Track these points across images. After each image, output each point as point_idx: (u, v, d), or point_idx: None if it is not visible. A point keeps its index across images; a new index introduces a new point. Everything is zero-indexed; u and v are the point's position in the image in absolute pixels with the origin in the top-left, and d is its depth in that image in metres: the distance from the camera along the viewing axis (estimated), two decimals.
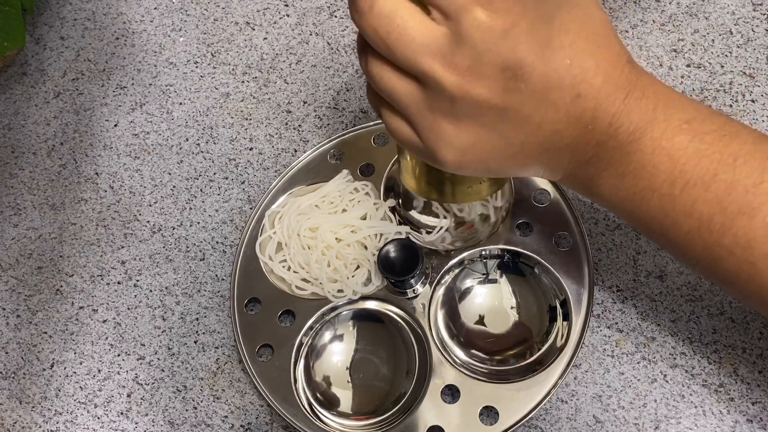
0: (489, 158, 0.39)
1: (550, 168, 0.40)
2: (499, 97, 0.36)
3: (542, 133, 0.37)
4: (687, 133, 0.37)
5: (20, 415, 0.54)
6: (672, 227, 0.39)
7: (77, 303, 0.57)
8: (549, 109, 0.36)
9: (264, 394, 0.50)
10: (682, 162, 0.37)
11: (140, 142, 0.62)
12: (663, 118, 0.37)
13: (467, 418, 0.48)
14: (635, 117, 0.37)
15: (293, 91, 0.63)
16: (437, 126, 0.38)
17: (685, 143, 0.37)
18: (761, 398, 0.47)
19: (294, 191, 0.56)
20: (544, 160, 0.39)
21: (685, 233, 0.38)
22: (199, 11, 0.67)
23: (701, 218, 0.37)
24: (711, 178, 0.37)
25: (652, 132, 0.37)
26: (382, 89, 0.38)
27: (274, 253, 0.54)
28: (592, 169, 0.39)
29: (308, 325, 0.52)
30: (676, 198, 0.38)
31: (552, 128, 0.37)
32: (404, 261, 0.49)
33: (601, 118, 0.37)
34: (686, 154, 0.37)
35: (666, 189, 0.38)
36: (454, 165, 0.39)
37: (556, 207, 0.53)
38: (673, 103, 0.38)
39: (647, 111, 0.37)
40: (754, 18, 0.59)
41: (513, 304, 0.51)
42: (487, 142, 0.38)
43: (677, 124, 0.37)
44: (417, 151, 0.40)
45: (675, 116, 0.37)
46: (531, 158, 0.39)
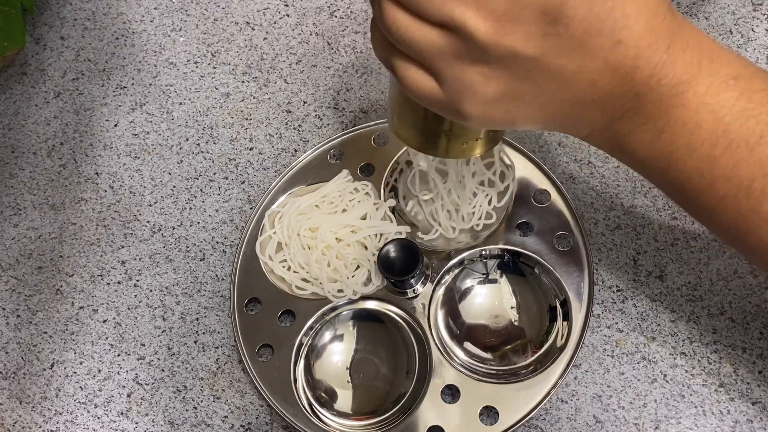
0: (516, 111, 0.36)
1: (579, 123, 0.38)
2: (536, 44, 0.33)
3: (577, 83, 0.35)
4: (734, 90, 0.35)
5: (20, 415, 0.54)
6: (707, 190, 0.36)
7: (77, 303, 0.57)
8: (587, 56, 0.34)
9: (264, 394, 0.50)
10: (726, 121, 0.35)
11: (140, 142, 0.62)
12: (708, 72, 0.35)
13: (467, 418, 0.48)
14: (679, 69, 0.34)
15: (293, 91, 0.63)
16: (464, 76, 0.35)
17: (731, 101, 0.35)
18: (761, 398, 0.47)
19: (294, 191, 0.56)
20: (574, 113, 0.37)
21: (720, 198, 0.36)
22: (199, 11, 0.67)
23: (741, 183, 0.35)
24: (756, 141, 0.34)
25: (697, 86, 0.35)
26: (399, 39, 0.35)
27: (274, 253, 0.54)
28: (628, 123, 0.36)
29: (308, 325, 0.52)
30: (716, 159, 0.35)
31: (588, 78, 0.35)
32: (404, 261, 0.49)
33: (641, 68, 0.34)
34: (732, 112, 0.35)
35: (706, 149, 0.35)
36: (478, 118, 0.37)
37: (556, 207, 0.53)
38: (719, 56, 0.35)
39: (692, 63, 0.35)
40: (754, 18, 0.59)
41: (513, 304, 0.51)
42: (518, 93, 0.35)
43: (723, 80, 0.35)
44: (437, 105, 0.37)
45: (721, 71, 0.35)
46: (560, 111, 0.37)
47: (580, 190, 0.55)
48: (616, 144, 0.38)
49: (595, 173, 0.55)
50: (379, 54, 0.38)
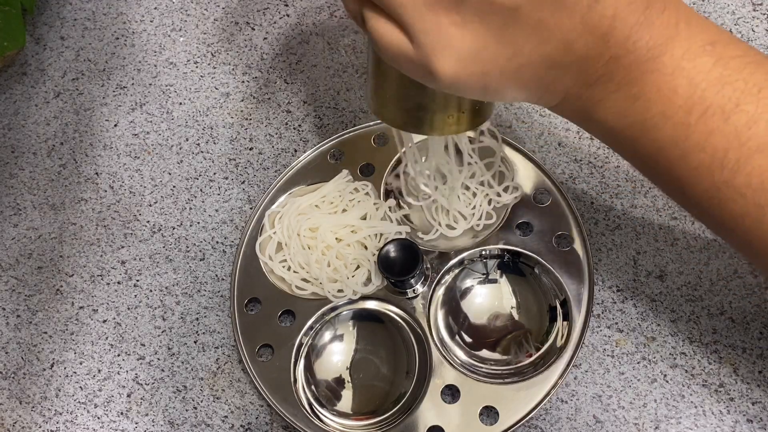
0: (492, 71, 0.35)
1: (551, 89, 0.36)
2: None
3: (553, 42, 0.34)
4: (710, 55, 0.34)
5: (20, 415, 0.54)
6: (679, 160, 0.35)
7: (77, 303, 0.57)
8: (564, 13, 0.33)
9: (264, 394, 0.50)
10: (702, 87, 0.33)
11: (140, 142, 0.62)
12: (686, 36, 0.34)
13: (467, 418, 0.48)
14: (656, 31, 0.33)
15: (293, 91, 0.63)
16: (437, 27, 0.33)
17: (708, 66, 0.33)
18: (761, 398, 0.47)
19: (294, 191, 0.56)
20: (548, 77, 0.35)
21: (693, 168, 0.35)
22: (199, 11, 0.67)
23: (715, 152, 0.34)
24: (732, 109, 0.33)
25: (674, 50, 0.34)
26: None
27: (274, 253, 0.54)
28: (599, 90, 0.35)
29: (308, 325, 0.52)
30: (690, 127, 0.34)
31: (564, 37, 0.33)
32: (404, 261, 0.49)
33: (618, 28, 0.33)
34: (708, 78, 0.33)
35: (681, 117, 0.34)
36: (450, 77, 0.34)
37: (556, 207, 0.53)
38: (695, 21, 0.34)
39: (669, 26, 0.33)
40: (754, 18, 0.59)
41: (513, 304, 0.51)
42: (493, 49, 0.34)
43: (700, 45, 0.34)
44: (407, 63, 0.35)
45: (698, 35, 0.34)
46: (534, 75, 0.35)
47: (580, 190, 0.55)
48: (587, 113, 0.37)
49: (595, 173, 0.55)
50: (349, 7, 0.37)
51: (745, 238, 0.36)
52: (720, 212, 0.36)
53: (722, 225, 0.37)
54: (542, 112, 0.58)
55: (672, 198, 0.40)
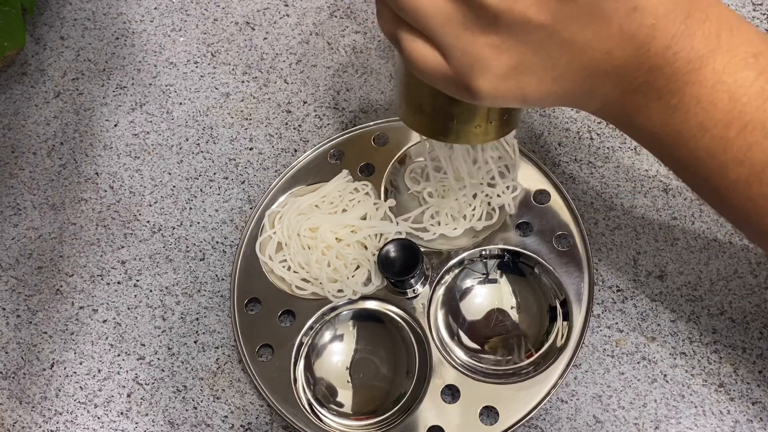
0: (528, 85, 0.35)
1: (591, 96, 0.36)
2: (550, 11, 0.32)
3: (591, 53, 0.33)
4: (753, 68, 0.33)
5: (20, 415, 0.54)
6: (717, 172, 0.35)
7: (77, 303, 0.57)
8: (602, 23, 0.32)
9: (264, 394, 0.50)
10: (743, 101, 0.33)
11: (140, 142, 0.62)
12: (727, 48, 0.33)
13: (467, 418, 0.48)
14: (697, 42, 0.33)
15: (293, 91, 0.63)
16: (474, 48, 0.33)
17: (749, 80, 0.33)
18: (761, 398, 0.47)
19: (294, 191, 0.56)
20: (587, 85, 0.35)
21: (732, 181, 0.35)
22: (199, 11, 0.67)
23: (753, 167, 0.34)
24: None
25: (715, 63, 0.33)
26: (405, 7, 0.34)
27: (274, 253, 0.54)
28: (640, 98, 0.35)
29: (308, 325, 0.52)
30: (729, 141, 0.34)
31: (602, 47, 0.33)
32: (404, 261, 0.49)
33: (658, 38, 0.33)
34: (749, 92, 0.33)
35: (720, 130, 0.34)
36: (490, 94, 0.35)
37: (556, 207, 0.53)
38: (738, 30, 0.34)
39: (710, 37, 0.33)
40: (754, 18, 0.59)
41: (513, 304, 0.51)
42: (531, 64, 0.34)
43: (743, 57, 0.33)
44: (445, 82, 0.35)
45: (741, 47, 0.33)
46: (573, 84, 0.35)
47: (580, 190, 0.55)
48: (627, 118, 0.37)
49: (595, 173, 0.55)
50: (384, 28, 0.37)
51: None
52: (757, 223, 0.36)
53: (759, 235, 0.37)
54: (542, 112, 0.58)
55: (710, 205, 0.40)
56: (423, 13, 0.33)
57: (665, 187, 0.54)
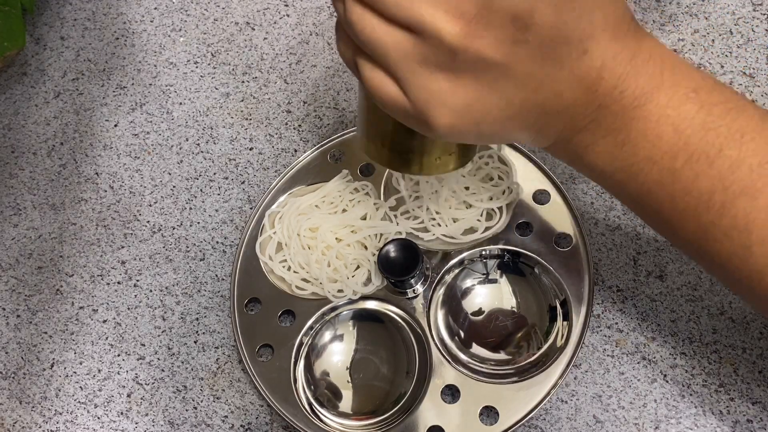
0: (485, 120, 0.36)
1: (543, 133, 0.38)
2: (506, 50, 0.33)
3: (544, 92, 0.35)
4: (694, 102, 0.35)
5: (20, 415, 0.54)
6: (667, 203, 0.37)
7: (77, 303, 0.57)
8: (554, 65, 0.34)
9: (264, 394, 0.50)
10: (687, 134, 0.35)
11: (140, 142, 0.62)
12: (670, 84, 0.35)
13: (467, 418, 0.48)
14: (642, 80, 0.35)
15: (293, 91, 0.63)
16: (431, 83, 0.34)
17: (692, 113, 0.35)
18: (761, 398, 0.47)
19: (294, 191, 0.56)
20: (539, 123, 0.37)
21: (681, 210, 0.36)
22: (199, 11, 0.67)
23: (701, 196, 0.35)
24: (716, 154, 0.34)
25: (659, 98, 0.35)
26: (364, 40, 0.34)
27: (274, 253, 0.54)
28: (588, 135, 0.37)
29: (308, 325, 0.52)
30: (676, 172, 0.35)
31: (554, 88, 0.35)
32: (404, 261, 0.49)
33: (606, 79, 0.34)
34: (692, 125, 0.35)
35: (667, 162, 0.35)
36: (446, 129, 0.36)
37: (556, 207, 0.53)
38: (679, 68, 0.36)
39: (654, 75, 0.35)
40: (754, 18, 0.59)
41: (513, 304, 0.51)
42: (486, 101, 0.35)
43: (684, 92, 0.35)
44: (402, 114, 0.36)
45: (682, 83, 0.35)
46: (526, 121, 0.36)
47: (580, 190, 0.55)
48: (578, 156, 0.38)
49: None
50: (344, 55, 0.37)
51: (733, 277, 0.37)
52: (709, 252, 0.37)
53: (712, 264, 0.38)
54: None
55: (665, 237, 0.41)
56: (382, 48, 0.34)
57: None
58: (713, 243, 0.36)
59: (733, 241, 0.35)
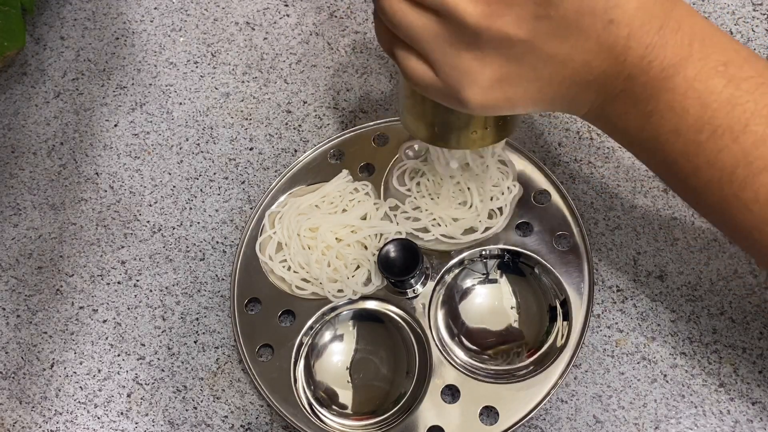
0: (515, 94, 0.37)
1: (576, 103, 0.38)
2: (528, 27, 0.34)
3: (572, 64, 0.35)
4: (723, 76, 0.35)
5: (20, 415, 0.54)
6: (692, 174, 0.37)
7: (77, 303, 0.57)
8: (580, 37, 0.34)
9: (264, 394, 0.50)
10: (713, 108, 0.35)
11: (140, 142, 0.62)
12: (699, 57, 0.35)
13: (467, 418, 0.48)
14: (670, 51, 0.35)
15: (293, 91, 0.63)
16: (460, 63, 0.36)
17: (719, 87, 0.35)
18: (761, 398, 0.47)
19: (294, 191, 0.56)
20: (571, 93, 0.37)
21: (705, 182, 0.37)
22: (199, 11, 0.67)
23: (724, 169, 0.36)
24: (741, 129, 0.35)
25: (686, 71, 0.35)
26: (396, 25, 0.36)
27: (274, 253, 0.54)
28: (619, 105, 0.37)
29: (308, 325, 0.52)
30: (701, 145, 0.36)
31: (582, 59, 0.35)
32: (404, 261, 0.49)
33: (633, 48, 0.34)
34: (719, 99, 0.35)
35: (692, 135, 0.36)
36: (478, 105, 0.37)
37: (556, 207, 0.53)
38: (711, 39, 0.35)
39: (683, 46, 0.35)
40: (754, 18, 0.59)
41: (513, 304, 0.51)
42: (515, 76, 0.36)
43: (713, 65, 0.35)
44: (437, 93, 0.38)
45: (712, 55, 0.35)
46: (558, 92, 0.37)
47: (580, 190, 0.55)
48: (610, 123, 0.39)
49: (595, 173, 0.55)
50: (383, 46, 0.39)
51: (755, 248, 0.38)
52: (732, 223, 0.38)
53: (735, 234, 0.39)
54: (542, 112, 0.58)
55: (690, 206, 0.41)
56: (413, 31, 0.36)
57: (665, 187, 0.54)
58: (735, 214, 0.37)
59: (755, 214, 0.36)
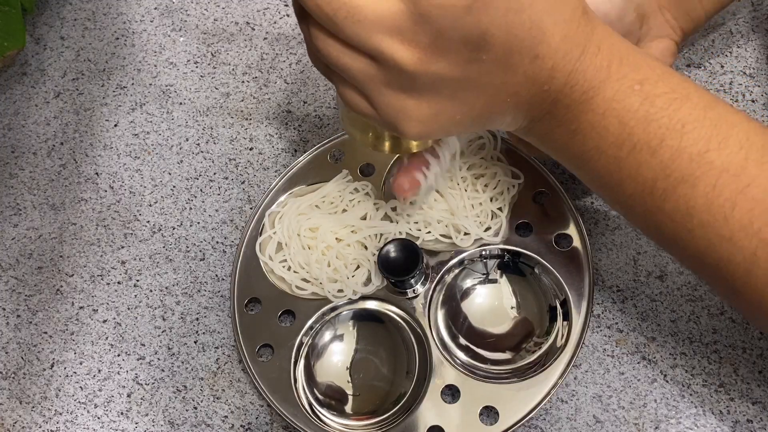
0: (451, 124, 0.39)
1: (508, 123, 0.41)
2: (461, 69, 0.36)
3: (501, 96, 0.38)
4: (638, 95, 0.37)
5: (20, 415, 0.54)
6: (617, 187, 0.39)
7: (77, 303, 0.57)
8: (508, 73, 0.36)
9: (264, 394, 0.50)
10: (630, 125, 0.37)
11: (140, 142, 0.62)
12: (617, 77, 0.37)
13: (467, 418, 0.48)
14: (590, 75, 0.37)
15: (293, 91, 0.63)
16: (396, 102, 0.37)
17: (635, 106, 0.37)
18: (761, 398, 0.47)
19: (294, 191, 0.56)
20: (504, 117, 0.40)
21: (629, 195, 0.39)
22: (199, 11, 0.67)
23: (645, 182, 0.38)
24: (658, 144, 0.37)
25: (605, 92, 0.37)
26: (332, 65, 0.37)
27: (274, 253, 0.54)
28: (545, 125, 0.39)
29: (308, 325, 0.52)
30: (622, 160, 0.38)
31: (511, 90, 0.37)
32: (404, 261, 0.49)
33: (557, 77, 0.37)
34: (635, 117, 0.37)
35: (613, 151, 0.38)
36: (415, 135, 0.39)
37: (556, 207, 0.53)
38: (627, 59, 0.37)
39: (602, 68, 0.37)
40: (754, 18, 0.59)
41: (513, 304, 0.51)
42: (450, 110, 0.38)
43: (629, 84, 0.37)
44: (374, 121, 0.40)
45: (629, 75, 0.37)
46: (491, 118, 0.40)
47: (580, 190, 0.55)
48: (539, 139, 0.41)
49: None
50: (318, 68, 0.40)
51: (681, 256, 0.40)
52: (657, 234, 0.40)
53: (663, 244, 0.41)
54: None
55: (623, 216, 0.43)
56: (349, 72, 0.37)
57: None
58: (660, 225, 0.39)
59: (677, 224, 0.38)
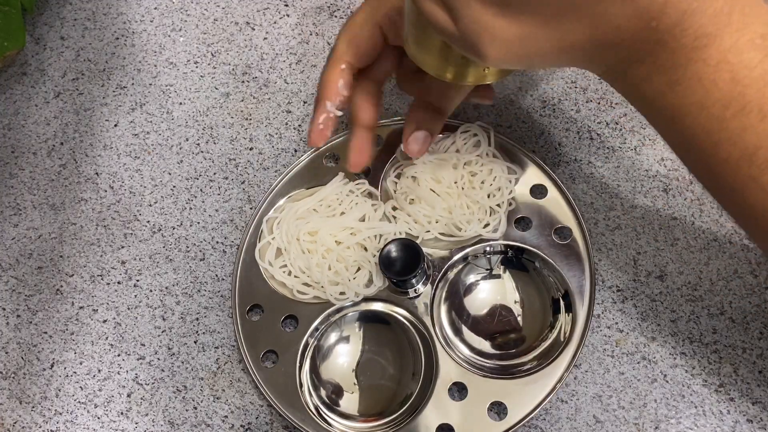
0: (535, 53, 0.35)
1: (595, 63, 0.36)
2: None
3: (601, 27, 0.33)
4: (759, 50, 0.33)
5: (20, 415, 0.54)
6: (710, 150, 0.35)
7: (77, 303, 0.57)
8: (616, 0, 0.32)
9: (270, 400, 0.50)
10: (744, 84, 0.33)
11: (140, 142, 0.62)
12: (737, 27, 0.33)
13: (476, 414, 0.48)
14: (707, 19, 0.32)
15: (293, 91, 0.63)
16: (484, 18, 0.34)
17: (754, 62, 0.33)
18: (761, 398, 0.47)
19: (292, 195, 0.56)
20: (592, 55, 0.35)
21: (723, 160, 0.35)
22: (199, 11, 0.67)
23: (745, 149, 0.34)
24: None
25: (721, 41, 0.33)
26: None
27: (273, 259, 0.53)
28: (643, 68, 0.35)
29: (314, 326, 0.51)
30: (725, 121, 0.34)
31: (613, 22, 0.33)
32: (405, 260, 0.49)
33: (669, 14, 0.32)
34: (751, 75, 0.33)
35: (717, 110, 0.34)
36: (495, 59, 0.35)
37: (557, 207, 0.53)
38: (752, 9, 0.33)
39: (721, 15, 0.32)
40: None
41: (517, 298, 0.51)
42: (539, 36, 0.34)
43: (750, 37, 0.33)
44: (452, 40, 0.36)
45: (752, 26, 0.33)
46: (579, 53, 0.35)
47: (580, 190, 0.55)
48: (630, 86, 0.37)
49: (595, 173, 0.55)
50: None
51: (764, 231, 0.37)
52: (744, 205, 0.36)
53: (743, 215, 0.37)
54: (542, 112, 0.58)
55: (700, 182, 0.40)
56: None
57: (665, 187, 0.54)
58: (750, 196, 0.35)
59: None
